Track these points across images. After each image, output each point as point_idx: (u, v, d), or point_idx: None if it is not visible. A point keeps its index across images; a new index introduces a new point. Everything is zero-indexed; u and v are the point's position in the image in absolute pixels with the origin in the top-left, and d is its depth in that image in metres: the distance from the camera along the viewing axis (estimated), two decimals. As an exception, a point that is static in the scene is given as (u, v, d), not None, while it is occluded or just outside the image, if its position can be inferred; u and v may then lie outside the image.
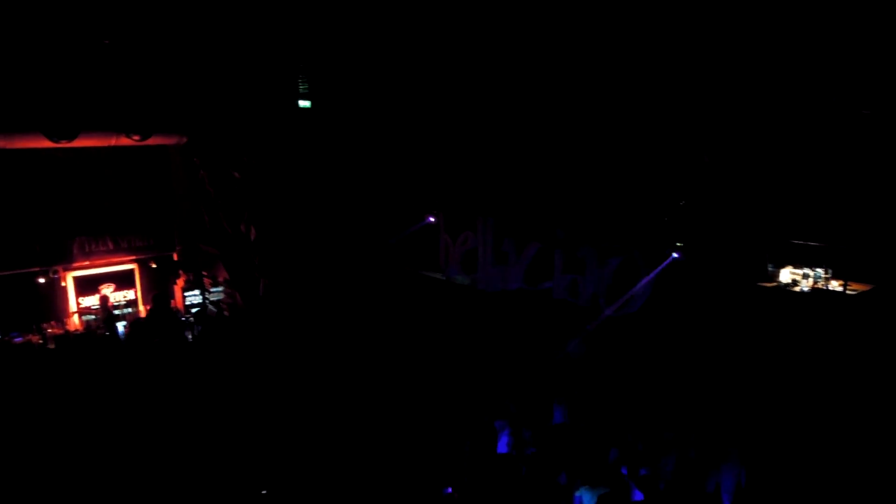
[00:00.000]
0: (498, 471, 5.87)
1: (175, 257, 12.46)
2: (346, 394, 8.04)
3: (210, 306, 11.68)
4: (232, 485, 6.32)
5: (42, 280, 11.24)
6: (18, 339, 10.62)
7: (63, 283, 11.39)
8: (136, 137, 10.48)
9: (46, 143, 9.94)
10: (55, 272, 11.30)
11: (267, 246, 10.81)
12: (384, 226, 9.95)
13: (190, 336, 10.51)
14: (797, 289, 6.21)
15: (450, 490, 5.76)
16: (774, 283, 6.37)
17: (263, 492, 6.28)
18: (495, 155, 8.68)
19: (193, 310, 11.45)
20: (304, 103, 11.12)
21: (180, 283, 12.04)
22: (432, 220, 9.40)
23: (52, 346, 10.54)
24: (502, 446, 6.65)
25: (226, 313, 11.63)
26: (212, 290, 12.07)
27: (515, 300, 8.41)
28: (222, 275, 12.12)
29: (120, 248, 11.95)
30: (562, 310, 7.71)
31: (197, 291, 11.84)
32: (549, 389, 7.49)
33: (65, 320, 11.30)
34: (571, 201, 7.86)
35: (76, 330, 11.17)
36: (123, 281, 11.91)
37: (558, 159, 7.91)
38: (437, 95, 9.21)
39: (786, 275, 6.34)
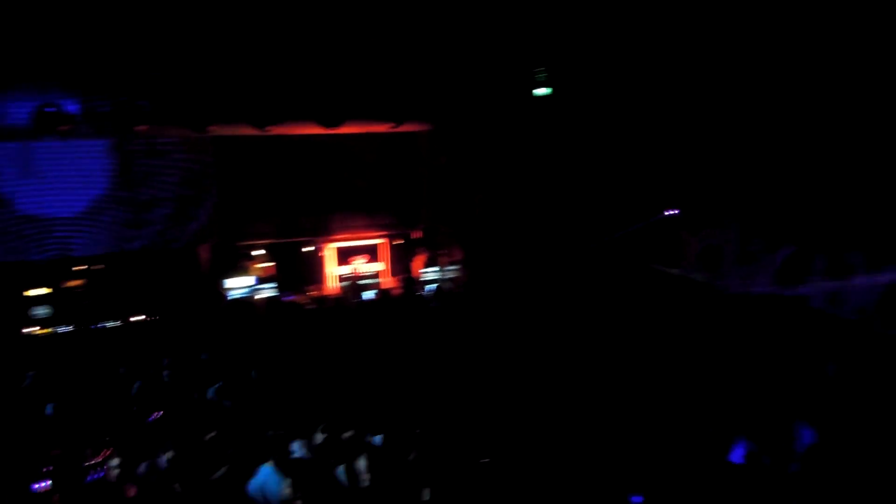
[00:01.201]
0: (730, 480, 5.51)
1: (418, 235, 13.58)
2: (560, 385, 8.01)
3: (445, 283, 12.49)
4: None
5: (307, 249, 13.04)
6: (288, 298, 12.36)
7: (323, 253, 13.03)
8: (391, 125, 11.56)
9: (318, 130, 11.38)
10: (318, 243, 13.01)
11: (498, 230, 11.26)
12: (620, 217, 9.79)
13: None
14: None
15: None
16: None
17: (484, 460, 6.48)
18: (745, 146, 8.03)
19: (429, 286, 12.35)
20: (541, 91, 11.27)
21: (420, 259, 13.04)
22: (672, 213, 9.02)
23: (311, 306, 12.15)
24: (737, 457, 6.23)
25: (458, 291, 12.36)
26: (447, 268, 12.89)
27: (761, 305, 7.76)
28: (457, 254, 12.89)
29: (371, 225, 13.35)
30: (818, 320, 6.95)
31: (434, 268, 12.75)
32: (795, 408, 6.81)
33: (323, 285, 12.94)
34: (837, 199, 7.00)
35: (332, 295, 12.70)
36: (373, 254, 13.26)
37: (824, 151, 7.08)
38: (680, 87, 8.76)
39: None
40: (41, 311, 11.03)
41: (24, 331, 10.67)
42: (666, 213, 8.90)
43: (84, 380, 8.92)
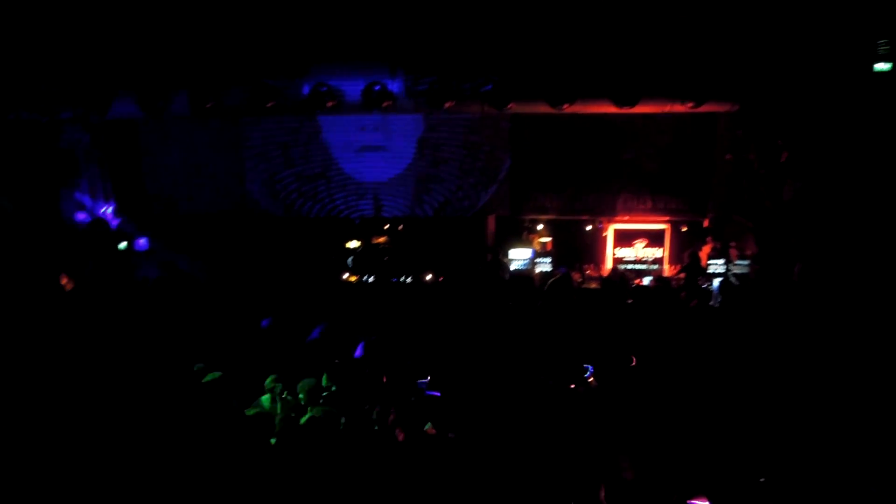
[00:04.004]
0: None
1: (705, 224, 12.71)
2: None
3: (732, 278, 11.53)
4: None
5: (588, 227, 13.10)
6: (562, 270, 12.56)
7: (604, 234, 12.95)
8: (690, 105, 10.85)
9: (611, 109, 11.19)
10: (600, 222, 12.96)
11: (811, 227, 9.96)
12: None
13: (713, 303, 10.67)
14: None
15: None
16: None
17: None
18: None
19: (715, 280, 11.51)
20: (882, 66, 9.63)
21: (706, 249, 12.20)
22: None
23: (588, 285, 12.18)
24: None
25: (747, 289, 11.32)
26: (736, 262, 11.86)
27: None
28: (750, 248, 11.78)
29: (656, 208, 12.85)
30: None
31: (721, 261, 11.83)
32: None
33: (601, 266, 12.88)
34: None
35: (607, 275, 12.57)
36: (654, 239, 12.79)
37: None
38: None
39: None
40: (354, 261, 12.87)
41: (343, 277, 12.60)
42: None
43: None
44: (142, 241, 13.40)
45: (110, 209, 13.41)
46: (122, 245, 13.26)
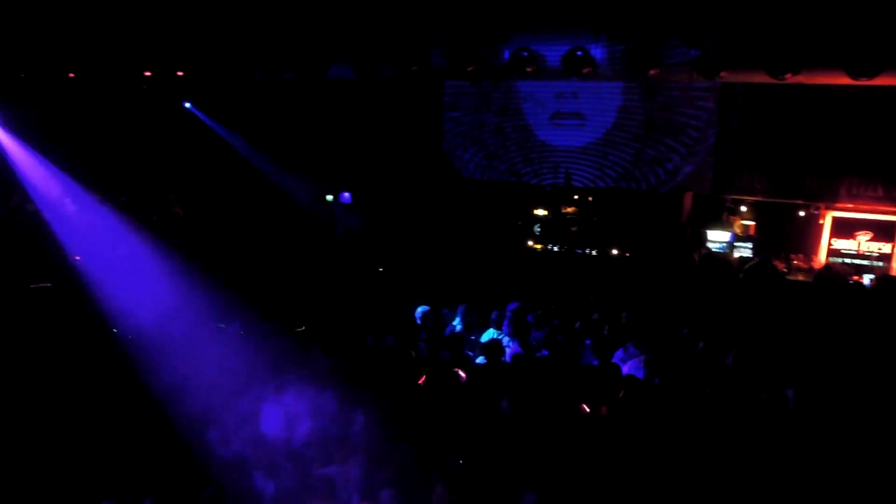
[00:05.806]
0: None
1: (952, 218, 10.88)
2: None
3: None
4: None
5: (801, 213, 11.74)
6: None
7: (821, 221, 11.54)
8: (950, 76, 9.22)
9: (844, 80, 9.84)
10: (817, 208, 11.57)
11: None
12: None
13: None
14: None
15: None
16: None
17: None
18: None
19: (958, 284, 9.83)
20: None
21: (948, 248, 10.48)
22: None
23: (794, 276, 11.04)
24: None
25: None
26: None
27: None
28: None
29: (889, 197, 11.19)
30: None
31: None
32: None
33: (812, 257, 11.57)
34: None
35: (819, 269, 11.26)
36: (882, 232, 11.17)
37: None
38: None
39: None
40: (541, 229, 12.87)
41: (527, 244, 12.68)
42: None
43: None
44: (345, 195, 14.54)
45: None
46: (329, 197, 14.52)
